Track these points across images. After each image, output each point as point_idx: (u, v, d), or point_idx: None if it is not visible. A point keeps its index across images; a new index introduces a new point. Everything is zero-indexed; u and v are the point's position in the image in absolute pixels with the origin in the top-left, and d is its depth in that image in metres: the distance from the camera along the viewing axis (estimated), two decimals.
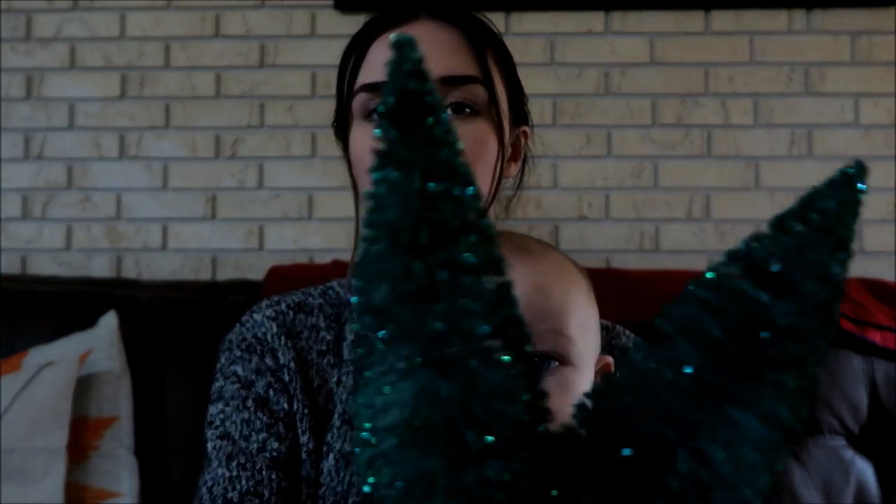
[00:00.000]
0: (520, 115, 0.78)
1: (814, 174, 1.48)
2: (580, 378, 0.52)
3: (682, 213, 1.49)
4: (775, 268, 0.29)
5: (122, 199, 1.53)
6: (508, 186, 0.84)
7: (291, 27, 1.53)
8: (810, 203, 0.31)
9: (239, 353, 0.74)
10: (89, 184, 1.53)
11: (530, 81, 1.50)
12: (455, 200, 0.29)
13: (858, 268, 1.45)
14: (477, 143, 0.69)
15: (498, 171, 0.71)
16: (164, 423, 1.19)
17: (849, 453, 1.14)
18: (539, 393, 0.30)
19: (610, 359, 0.58)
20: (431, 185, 0.29)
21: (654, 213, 1.49)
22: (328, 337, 0.74)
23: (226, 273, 1.50)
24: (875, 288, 1.24)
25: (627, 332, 0.78)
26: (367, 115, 0.70)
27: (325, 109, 1.64)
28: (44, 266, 1.52)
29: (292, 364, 0.72)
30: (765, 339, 0.28)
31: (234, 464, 0.69)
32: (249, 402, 0.72)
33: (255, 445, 0.70)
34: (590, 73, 1.51)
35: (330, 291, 0.79)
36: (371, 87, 0.69)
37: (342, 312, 0.76)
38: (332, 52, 1.52)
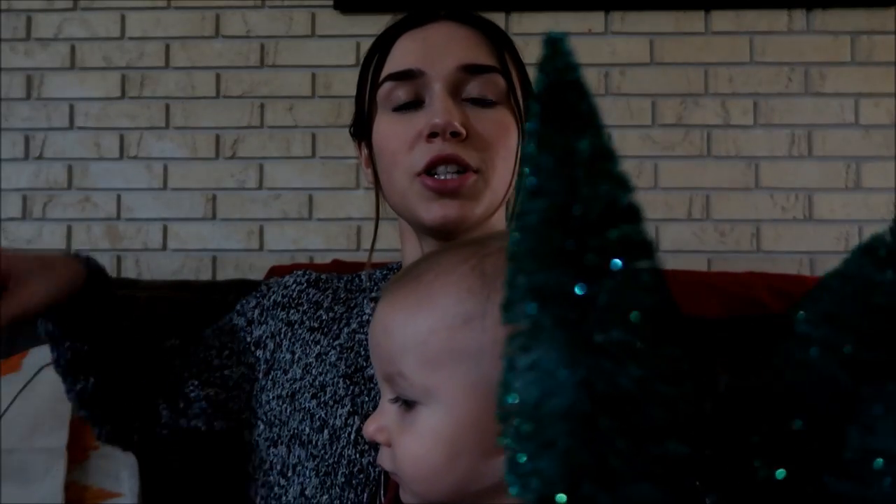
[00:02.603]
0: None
1: (814, 174, 1.49)
2: (448, 413, 0.48)
3: (682, 213, 1.49)
4: None
5: (122, 199, 1.53)
6: None
7: (291, 27, 1.53)
8: None
9: (259, 292, 0.86)
10: (89, 184, 1.53)
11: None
12: (616, 181, 0.30)
13: None
14: (499, 128, 0.71)
15: (518, 158, 0.73)
16: None
17: None
18: (702, 373, 0.30)
19: None
20: (597, 165, 0.30)
21: (654, 213, 1.49)
22: (325, 316, 0.80)
23: (226, 273, 1.51)
24: None
25: None
26: (393, 106, 0.72)
27: (325, 109, 1.65)
28: None
29: (273, 331, 0.81)
30: None
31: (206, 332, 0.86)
32: (230, 321, 0.85)
33: (228, 325, 0.85)
34: (590, 73, 1.51)
35: (356, 279, 0.84)
36: (397, 76, 0.72)
37: (355, 297, 0.82)
38: (332, 52, 1.53)
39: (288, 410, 0.76)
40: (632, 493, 0.28)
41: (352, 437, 0.71)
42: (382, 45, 0.75)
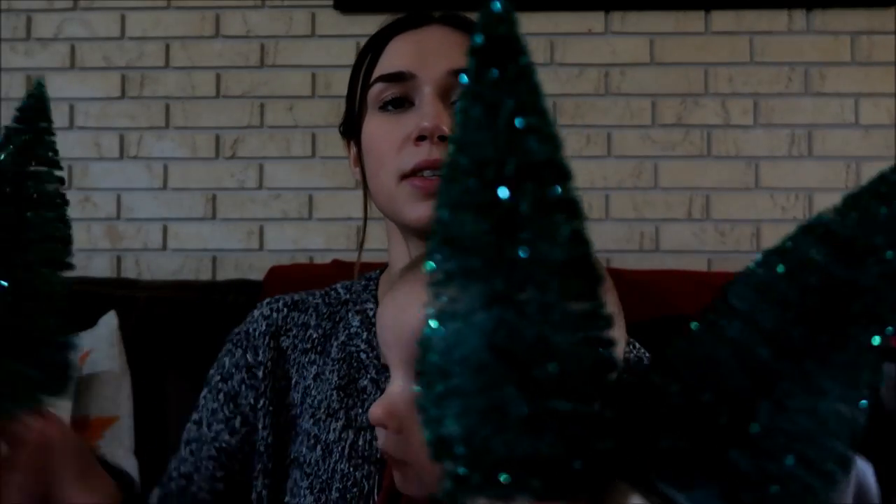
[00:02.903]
0: None
1: (814, 174, 1.49)
2: None
3: (682, 213, 1.49)
4: (856, 233, 0.30)
5: (122, 199, 1.53)
6: None
7: (291, 27, 1.53)
8: (882, 181, 0.33)
9: (231, 346, 0.82)
10: (89, 184, 1.53)
11: None
12: (542, 135, 0.30)
13: None
14: None
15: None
16: (164, 423, 1.19)
17: None
18: (609, 339, 0.30)
19: None
20: (521, 119, 0.29)
21: (654, 213, 1.49)
22: (314, 335, 0.79)
23: (226, 273, 1.51)
24: None
25: (636, 344, 0.78)
26: (382, 105, 0.72)
27: (325, 109, 1.65)
28: None
29: (269, 364, 0.78)
30: (847, 298, 0.30)
31: (188, 448, 0.80)
32: (221, 396, 0.80)
33: (210, 434, 0.79)
34: (590, 73, 1.51)
35: (332, 292, 0.83)
36: (388, 77, 0.72)
37: (338, 311, 0.81)
38: (332, 52, 1.53)
39: (284, 439, 0.76)
40: (524, 443, 0.29)
41: (345, 451, 0.71)
42: (375, 46, 0.75)
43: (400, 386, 0.51)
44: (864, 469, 1.15)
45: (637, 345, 0.78)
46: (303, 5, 1.53)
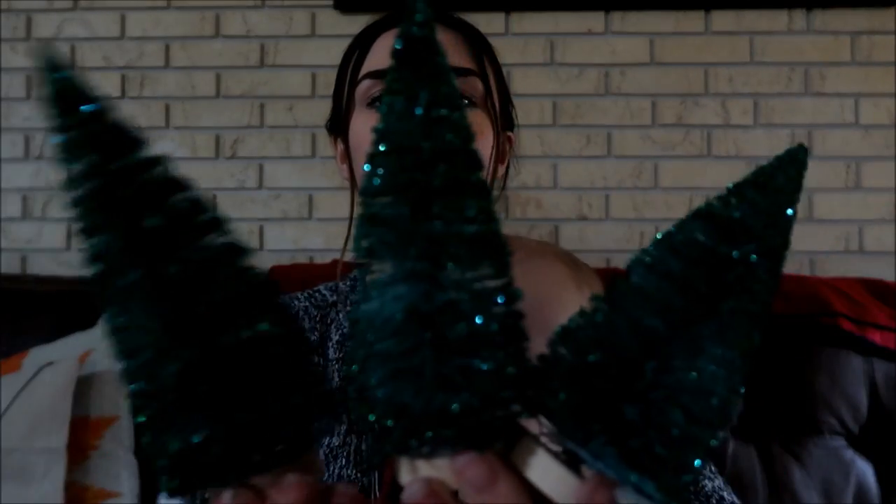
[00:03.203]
0: (507, 121, 0.81)
1: (814, 174, 1.49)
2: None
3: (682, 214, 1.48)
4: (735, 215, 0.35)
5: None
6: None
7: (291, 27, 1.53)
8: (761, 173, 0.37)
9: None
10: None
11: (530, 81, 1.51)
12: (454, 125, 0.33)
13: (858, 268, 1.45)
14: (475, 128, 0.71)
15: (492, 161, 0.73)
16: None
17: (849, 453, 1.14)
18: (514, 311, 0.34)
19: None
20: (434, 111, 0.33)
21: (654, 213, 1.49)
22: (313, 338, 0.79)
23: None
24: (875, 288, 1.24)
25: None
26: (370, 102, 0.73)
27: (325, 109, 1.64)
28: (44, 266, 1.52)
29: None
30: (723, 271, 0.34)
31: None
32: None
33: None
34: (590, 73, 1.51)
35: (317, 294, 0.83)
36: (375, 75, 0.72)
37: (328, 313, 0.80)
38: (332, 52, 1.52)
39: None
40: (439, 399, 0.32)
41: (350, 456, 0.70)
42: (363, 43, 0.76)
43: None
44: (863, 469, 1.15)
45: None
46: (303, 5, 1.53)
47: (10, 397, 1.08)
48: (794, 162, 0.38)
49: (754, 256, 0.34)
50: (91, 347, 1.16)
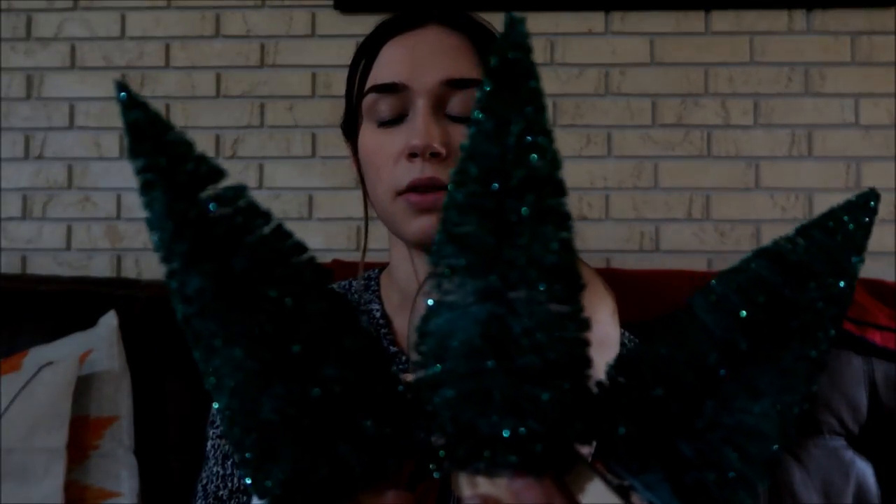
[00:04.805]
0: None
1: (814, 174, 1.49)
2: None
3: (682, 213, 1.49)
4: (802, 258, 0.34)
5: (122, 199, 1.53)
6: None
7: (291, 27, 1.53)
8: (831, 216, 0.36)
9: None
10: (89, 184, 1.53)
11: None
12: (543, 152, 0.33)
13: None
14: None
15: None
16: (164, 423, 1.20)
17: (849, 453, 1.14)
18: (583, 339, 0.34)
19: None
20: (528, 137, 0.33)
21: (654, 213, 1.49)
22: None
23: None
24: (875, 288, 1.24)
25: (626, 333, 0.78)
26: (378, 119, 0.71)
27: (326, 109, 1.65)
28: (44, 266, 1.52)
29: None
30: (788, 316, 0.33)
31: (229, 462, 0.74)
32: (220, 454, 0.75)
33: (222, 495, 0.73)
34: (590, 73, 1.51)
35: None
36: (381, 88, 0.70)
37: None
38: (332, 52, 1.53)
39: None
40: (505, 423, 0.33)
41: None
42: (370, 50, 0.73)
43: None
44: (863, 469, 1.15)
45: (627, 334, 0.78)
46: (303, 5, 1.53)
47: (10, 397, 1.08)
48: (864, 208, 0.36)
49: (820, 304, 0.34)
50: (91, 347, 1.16)
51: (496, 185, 0.33)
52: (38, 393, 1.08)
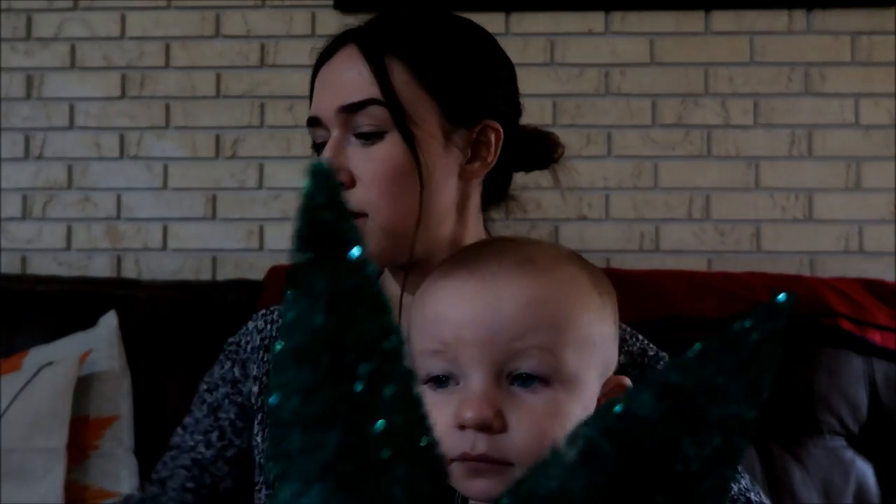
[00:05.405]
0: (470, 112, 0.72)
1: (814, 174, 1.49)
2: (571, 400, 0.50)
3: (682, 213, 1.49)
4: (688, 396, 0.28)
5: (122, 199, 1.53)
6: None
7: (291, 27, 1.53)
8: (733, 334, 0.29)
9: (222, 357, 0.82)
10: (89, 184, 1.53)
11: (530, 81, 1.50)
12: (360, 332, 0.29)
13: (858, 268, 1.45)
14: (380, 165, 0.68)
15: (420, 183, 0.68)
16: (164, 423, 1.19)
17: (849, 453, 1.14)
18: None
19: (626, 380, 0.55)
20: (335, 315, 0.29)
21: (654, 213, 1.49)
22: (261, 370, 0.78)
23: (226, 273, 1.50)
24: (875, 288, 1.24)
25: (639, 336, 0.76)
26: (315, 147, 0.73)
27: None
28: (44, 266, 1.52)
29: (264, 378, 0.77)
30: (670, 462, 0.28)
31: (170, 453, 0.80)
32: (205, 407, 0.80)
33: (189, 443, 0.79)
34: (590, 73, 1.51)
35: (274, 313, 0.82)
36: (309, 123, 0.72)
37: None
38: None
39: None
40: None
41: None
42: (313, 80, 0.74)
43: (485, 385, 0.50)
44: (863, 469, 1.15)
45: (640, 336, 0.76)
46: (303, 5, 1.53)
47: (10, 397, 1.08)
48: (774, 315, 0.29)
49: (707, 448, 0.28)
50: (91, 347, 1.16)
51: (310, 369, 0.29)
52: (38, 393, 1.08)
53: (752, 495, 0.67)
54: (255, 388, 0.77)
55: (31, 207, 1.53)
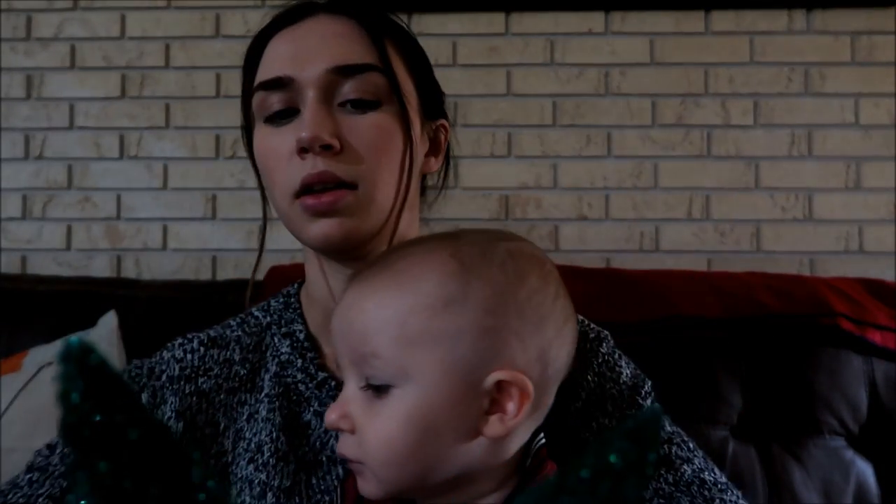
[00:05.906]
0: (434, 109, 0.72)
1: (814, 174, 1.49)
2: (423, 393, 0.49)
3: (682, 213, 1.49)
4: None
5: (122, 199, 1.53)
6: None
7: None
8: (594, 457, 0.28)
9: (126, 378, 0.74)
10: (89, 184, 1.53)
11: (530, 81, 1.51)
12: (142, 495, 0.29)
13: (858, 268, 1.45)
14: (378, 133, 0.64)
15: (408, 162, 0.66)
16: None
17: (849, 453, 1.14)
18: None
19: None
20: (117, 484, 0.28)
21: (654, 213, 1.49)
22: (242, 371, 0.71)
23: (226, 273, 1.51)
24: (875, 288, 1.24)
25: (585, 320, 0.73)
26: (268, 118, 0.67)
27: None
28: (44, 266, 1.52)
29: (188, 412, 0.69)
30: None
31: (28, 476, 0.67)
32: None
33: (60, 468, 0.67)
34: (590, 73, 1.51)
35: (249, 319, 0.77)
36: (267, 85, 0.66)
37: (262, 339, 0.74)
38: None
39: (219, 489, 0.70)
40: None
41: (304, 492, 0.65)
42: (256, 48, 0.69)
43: (351, 387, 0.51)
44: (863, 469, 1.15)
45: (587, 321, 0.73)
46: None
47: (10, 397, 1.08)
48: (644, 435, 0.29)
49: None
50: None
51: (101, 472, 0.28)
52: (38, 393, 1.08)
53: (706, 475, 0.65)
54: (180, 425, 0.69)
55: (31, 207, 1.53)
